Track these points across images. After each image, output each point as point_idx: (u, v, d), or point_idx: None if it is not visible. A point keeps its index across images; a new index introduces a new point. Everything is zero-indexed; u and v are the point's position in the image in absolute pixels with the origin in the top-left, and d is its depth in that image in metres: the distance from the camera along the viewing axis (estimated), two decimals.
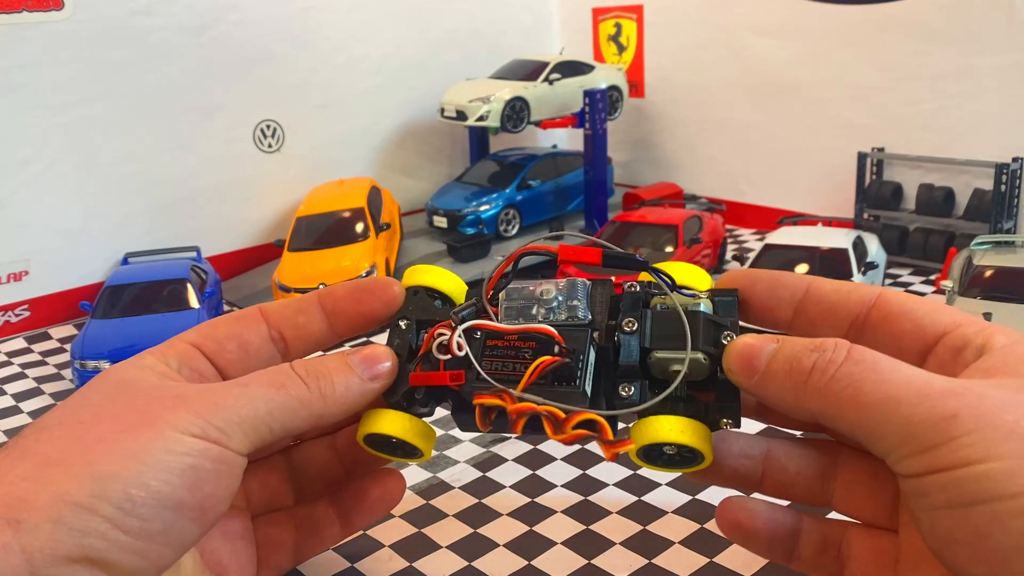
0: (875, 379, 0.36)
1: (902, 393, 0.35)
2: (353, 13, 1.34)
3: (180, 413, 0.37)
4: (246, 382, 0.40)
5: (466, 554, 0.56)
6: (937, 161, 1.13)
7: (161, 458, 0.36)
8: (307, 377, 0.41)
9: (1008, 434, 0.33)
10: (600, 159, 1.25)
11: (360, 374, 0.42)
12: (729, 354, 0.41)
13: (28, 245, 1.09)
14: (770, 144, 1.33)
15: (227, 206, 1.25)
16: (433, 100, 1.36)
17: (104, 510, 0.34)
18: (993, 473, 0.33)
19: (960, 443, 0.33)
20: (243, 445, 0.39)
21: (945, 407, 0.34)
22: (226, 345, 0.45)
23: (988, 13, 1.05)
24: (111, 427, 0.37)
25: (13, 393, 0.89)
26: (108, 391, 0.40)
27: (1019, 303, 0.82)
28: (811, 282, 0.45)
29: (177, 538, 0.37)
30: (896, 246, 1.14)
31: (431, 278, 0.48)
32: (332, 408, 0.41)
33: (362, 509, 0.48)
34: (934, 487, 0.34)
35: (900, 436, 0.35)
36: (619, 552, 0.55)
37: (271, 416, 0.39)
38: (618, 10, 1.50)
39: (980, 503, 0.33)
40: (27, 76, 1.06)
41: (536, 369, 0.41)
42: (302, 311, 0.46)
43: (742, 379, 0.40)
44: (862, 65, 1.18)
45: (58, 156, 1.10)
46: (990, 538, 0.33)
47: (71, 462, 0.35)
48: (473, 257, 1.15)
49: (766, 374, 0.39)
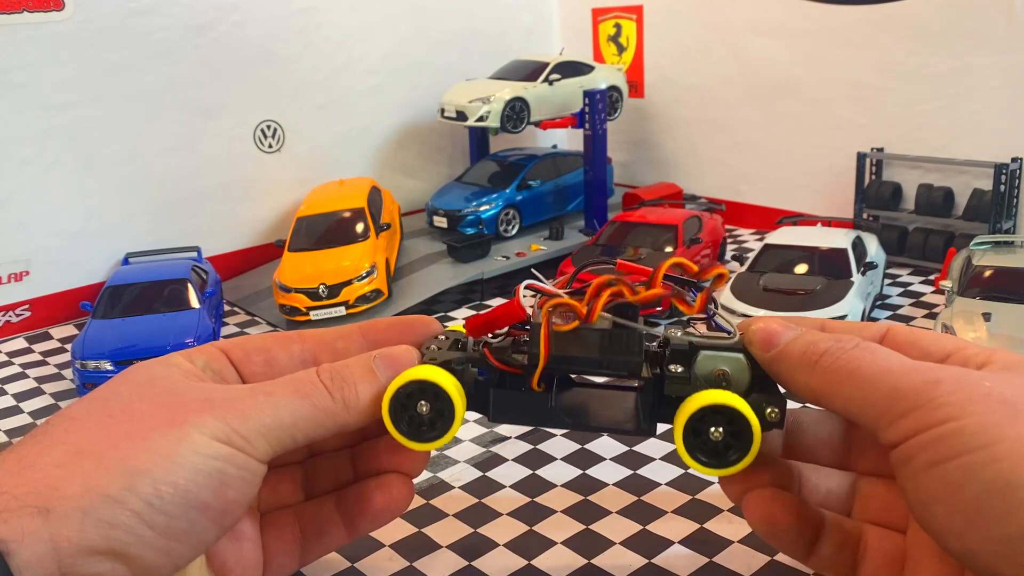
0: (873, 359, 0.39)
1: (894, 366, 0.38)
2: (353, 13, 1.34)
3: (206, 417, 0.37)
4: (271, 390, 0.40)
5: (466, 554, 0.56)
6: (936, 161, 1.13)
7: (190, 458, 0.36)
8: (332, 386, 0.41)
9: (984, 395, 0.35)
10: (600, 159, 1.25)
11: (384, 380, 0.42)
12: (755, 328, 0.44)
13: (28, 245, 1.09)
14: (770, 144, 1.33)
15: (227, 206, 1.25)
16: (433, 100, 1.36)
17: (133, 504, 0.34)
18: (967, 428, 0.34)
19: (938, 403, 0.35)
20: (265, 454, 0.39)
21: (929, 374, 0.37)
22: (253, 356, 0.46)
23: (987, 13, 1.05)
24: (140, 424, 0.37)
25: (13, 393, 0.90)
26: (136, 387, 0.40)
27: (1018, 303, 0.82)
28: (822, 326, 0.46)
29: (198, 538, 0.37)
30: (895, 246, 1.14)
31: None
32: (356, 418, 0.42)
33: (366, 516, 0.48)
34: (916, 449, 0.36)
35: (887, 401, 0.37)
36: (619, 552, 0.56)
37: (295, 427, 0.40)
38: (618, 10, 1.50)
39: (954, 457, 0.34)
40: (27, 76, 1.06)
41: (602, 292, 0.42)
42: (343, 337, 0.47)
43: (760, 351, 0.43)
44: (861, 65, 1.19)
45: (58, 156, 1.10)
46: (963, 489, 0.34)
47: (102, 454, 0.35)
48: (473, 257, 1.15)
49: (783, 352, 0.42)
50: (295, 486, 0.49)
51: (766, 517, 0.45)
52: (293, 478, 0.50)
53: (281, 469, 0.49)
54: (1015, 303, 0.82)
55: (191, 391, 0.40)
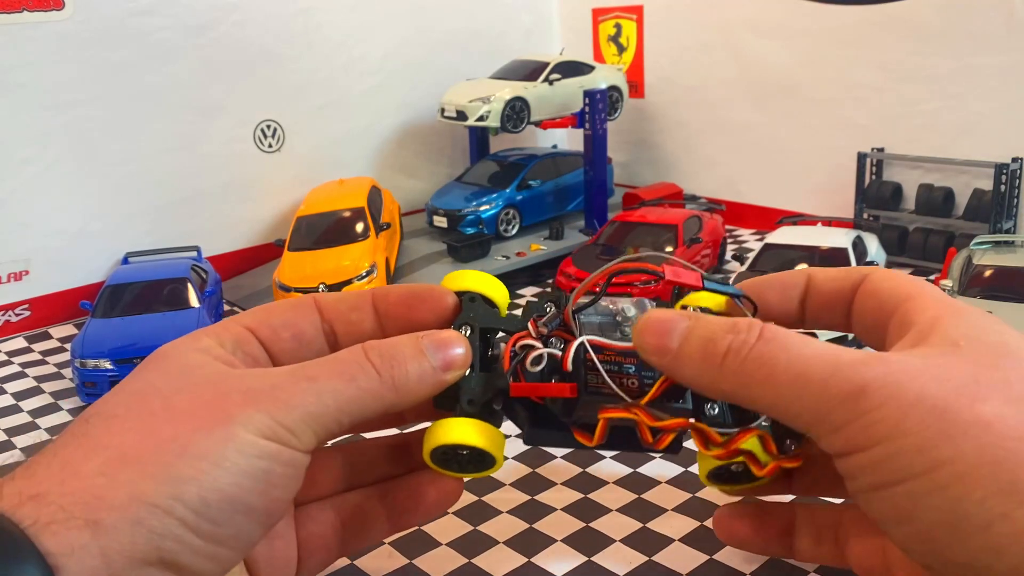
0: (786, 357, 0.36)
1: (813, 369, 0.35)
2: (353, 13, 1.34)
3: (250, 412, 0.36)
4: (314, 375, 0.39)
5: (466, 551, 0.56)
6: (937, 161, 1.13)
7: (235, 461, 0.35)
8: (380, 365, 0.40)
9: (914, 402, 0.33)
10: (600, 159, 1.25)
11: (433, 362, 0.41)
12: (641, 329, 0.40)
13: (28, 245, 1.09)
14: (770, 144, 1.33)
15: (227, 206, 1.25)
16: (433, 100, 1.36)
17: (180, 512, 0.33)
18: (904, 450, 0.33)
19: (870, 419, 0.33)
20: (311, 443, 0.38)
21: (854, 380, 0.34)
22: (281, 333, 0.44)
23: (987, 13, 1.05)
24: (183, 424, 0.36)
25: (13, 392, 0.90)
26: (172, 378, 0.39)
27: (1019, 303, 0.82)
28: (810, 275, 0.46)
29: (245, 541, 0.36)
30: (896, 246, 1.14)
31: (481, 285, 0.46)
32: (404, 399, 0.40)
33: (417, 510, 0.47)
34: (856, 470, 0.35)
35: (814, 414, 0.35)
36: (619, 549, 0.56)
37: (340, 411, 0.38)
38: (618, 10, 1.50)
39: (897, 483, 0.33)
40: (27, 76, 1.06)
41: (661, 384, 0.41)
42: (356, 308, 0.46)
43: (655, 358, 0.40)
44: (862, 65, 1.19)
45: (58, 156, 1.10)
46: (913, 517, 0.33)
47: (146, 460, 0.34)
48: (473, 257, 1.15)
49: (680, 355, 0.39)
50: (333, 477, 0.48)
51: (729, 534, 0.47)
52: (332, 469, 0.48)
53: (319, 461, 0.47)
54: (1015, 303, 0.82)
55: (230, 380, 0.38)
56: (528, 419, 0.45)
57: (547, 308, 0.44)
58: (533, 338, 0.43)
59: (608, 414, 0.41)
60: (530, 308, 0.45)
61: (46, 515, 0.32)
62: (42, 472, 0.34)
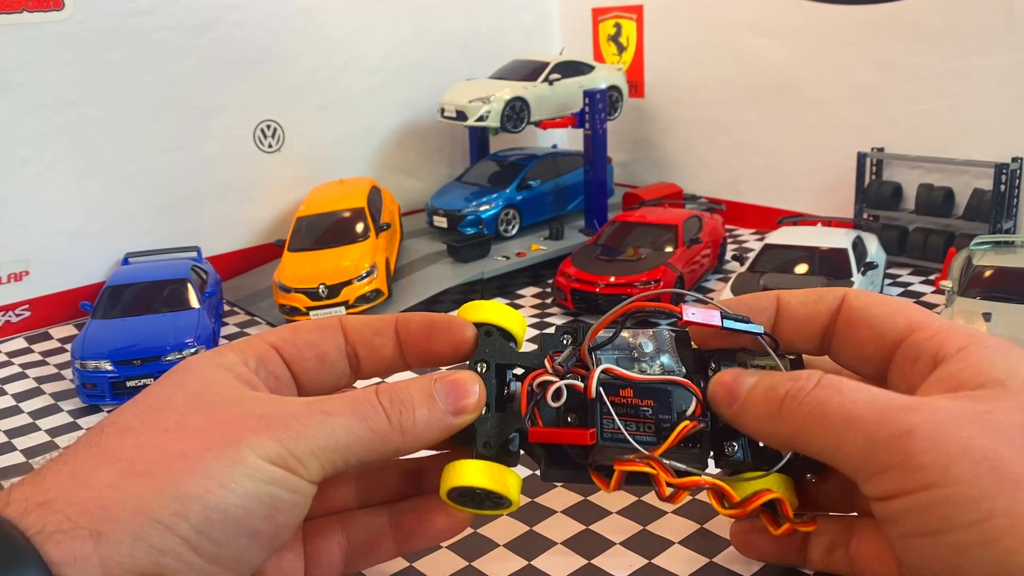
0: (839, 400, 0.37)
1: (864, 412, 0.36)
2: (353, 13, 1.34)
3: (262, 437, 0.37)
4: (329, 408, 0.39)
5: (466, 554, 0.56)
6: (937, 161, 1.13)
7: (242, 483, 0.35)
8: (390, 409, 0.40)
9: (963, 451, 0.33)
10: (600, 159, 1.25)
11: (444, 407, 0.41)
12: (714, 385, 0.43)
13: (28, 245, 1.09)
14: (770, 144, 1.33)
15: (227, 206, 1.25)
16: (433, 100, 1.36)
17: (183, 530, 0.34)
18: (954, 498, 0.32)
19: (916, 462, 0.34)
20: (317, 475, 0.38)
21: (902, 424, 0.35)
22: (305, 353, 0.45)
23: (987, 13, 1.05)
24: (195, 442, 0.36)
25: (13, 393, 0.90)
26: (190, 396, 0.39)
27: (1019, 303, 0.82)
28: (779, 297, 0.46)
29: (245, 564, 0.37)
30: (896, 246, 1.14)
31: (499, 316, 0.46)
32: (411, 444, 0.41)
33: (424, 534, 0.47)
34: (900, 514, 0.35)
35: (863, 455, 0.36)
36: (619, 552, 0.56)
37: (349, 448, 0.39)
38: (618, 10, 1.50)
39: (944, 532, 0.33)
40: (27, 76, 1.05)
41: (680, 433, 0.41)
42: (379, 333, 0.46)
43: (724, 408, 0.42)
44: (861, 65, 1.19)
45: (58, 156, 1.10)
46: (961, 570, 0.32)
47: (155, 475, 0.34)
48: (473, 257, 1.15)
49: (745, 403, 0.41)
50: (344, 493, 0.48)
51: (747, 547, 0.49)
52: (343, 485, 0.48)
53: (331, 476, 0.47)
54: (1015, 303, 0.82)
55: (246, 403, 0.39)
56: (546, 457, 0.45)
57: (564, 340, 0.45)
58: (550, 375, 0.43)
59: (625, 467, 0.42)
60: (546, 342, 0.45)
61: (52, 523, 0.32)
62: (51, 479, 0.35)
